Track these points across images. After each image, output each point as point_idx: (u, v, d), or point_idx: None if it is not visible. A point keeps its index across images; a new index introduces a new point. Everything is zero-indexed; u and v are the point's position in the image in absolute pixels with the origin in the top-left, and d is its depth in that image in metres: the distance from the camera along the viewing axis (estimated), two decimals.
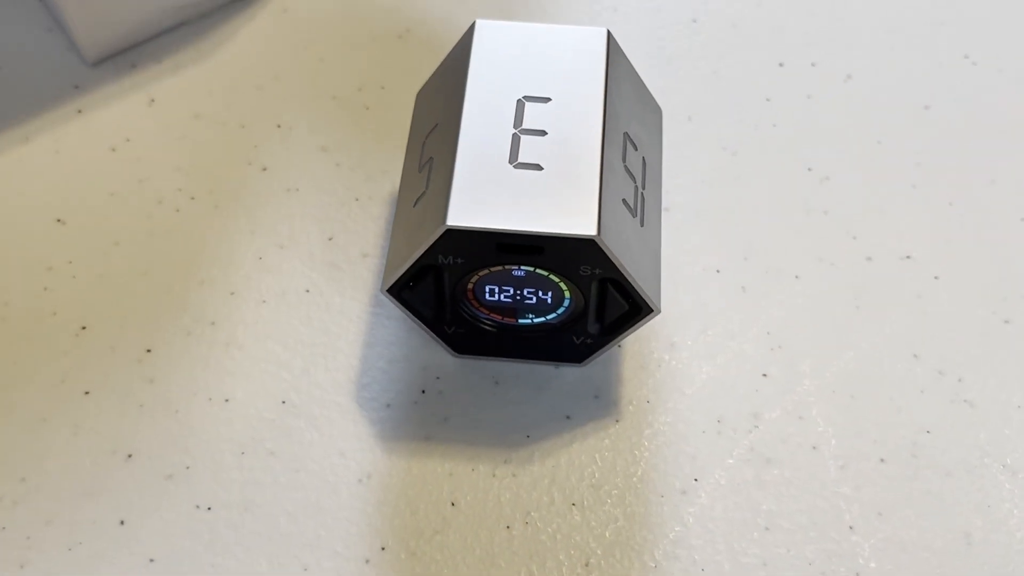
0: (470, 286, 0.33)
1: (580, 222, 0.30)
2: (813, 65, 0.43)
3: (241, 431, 0.35)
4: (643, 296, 0.32)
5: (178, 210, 0.39)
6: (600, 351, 0.35)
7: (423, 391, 0.36)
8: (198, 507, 0.33)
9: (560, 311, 0.34)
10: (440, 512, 0.33)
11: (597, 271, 0.31)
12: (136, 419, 0.35)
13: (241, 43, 0.43)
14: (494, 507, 0.34)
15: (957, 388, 0.36)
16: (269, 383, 0.36)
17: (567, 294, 0.33)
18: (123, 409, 0.35)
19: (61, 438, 0.34)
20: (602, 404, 0.35)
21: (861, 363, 0.36)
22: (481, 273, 0.32)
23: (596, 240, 0.30)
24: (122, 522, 0.33)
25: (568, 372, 0.36)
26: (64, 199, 0.39)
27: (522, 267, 0.32)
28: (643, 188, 0.33)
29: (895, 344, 0.37)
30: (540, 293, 0.33)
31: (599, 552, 0.33)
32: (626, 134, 0.33)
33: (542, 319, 0.34)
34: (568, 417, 0.35)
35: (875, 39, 0.44)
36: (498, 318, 0.34)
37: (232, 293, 0.37)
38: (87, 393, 0.35)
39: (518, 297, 0.33)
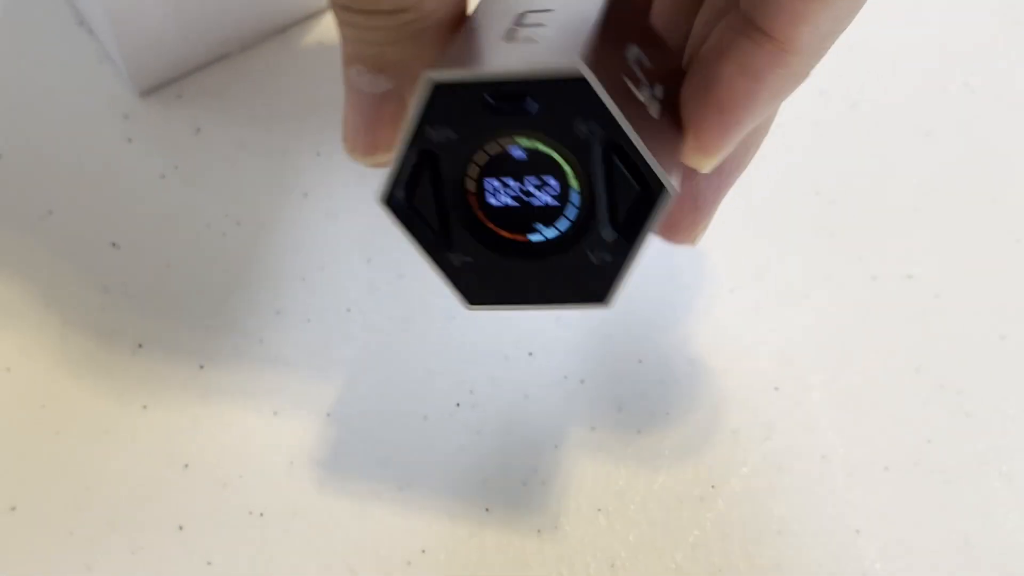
0: (471, 188, 0.32)
1: (564, 58, 0.29)
2: (822, 93, 0.46)
3: (290, 442, 0.37)
4: (650, 164, 0.30)
5: (224, 234, 0.41)
6: (621, 273, 0.32)
7: (457, 404, 0.38)
8: (251, 513, 0.36)
9: (568, 212, 0.32)
10: (476, 517, 0.36)
11: (593, 126, 0.30)
12: (191, 431, 0.37)
13: (281, 74, 0.45)
14: (525, 513, 0.36)
15: (957, 400, 0.38)
16: (314, 397, 0.38)
17: (573, 183, 0.31)
18: (179, 422, 0.38)
19: (121, 449, 0.37)
20: (625, 416, 0.38)
21: (867, 377, 0.39)
22: (478, 161, 0.31)
23: (581, 72, 0.28)
24: (180, 527, 0.36)
25: (593, 387, 0.38)
26: (118, 224, 0.41)
27: (519, 144, 0.31)
28: (654, 90, 0.32)
29: (898, 359, 0.39)
30: (546, 184, 0.31)
31: (623, 555, 0.35)
32: (631, 52, 0.32)
33: (553, 231, 0.32)
34: (593, 428, 0.38)
35: (880, 68, 0.46)
36: (508, 235, 0.33)
37: (278, 312, 0.40)
38: (145, 407, 0.38)
39: (523, 194, 0.32)
